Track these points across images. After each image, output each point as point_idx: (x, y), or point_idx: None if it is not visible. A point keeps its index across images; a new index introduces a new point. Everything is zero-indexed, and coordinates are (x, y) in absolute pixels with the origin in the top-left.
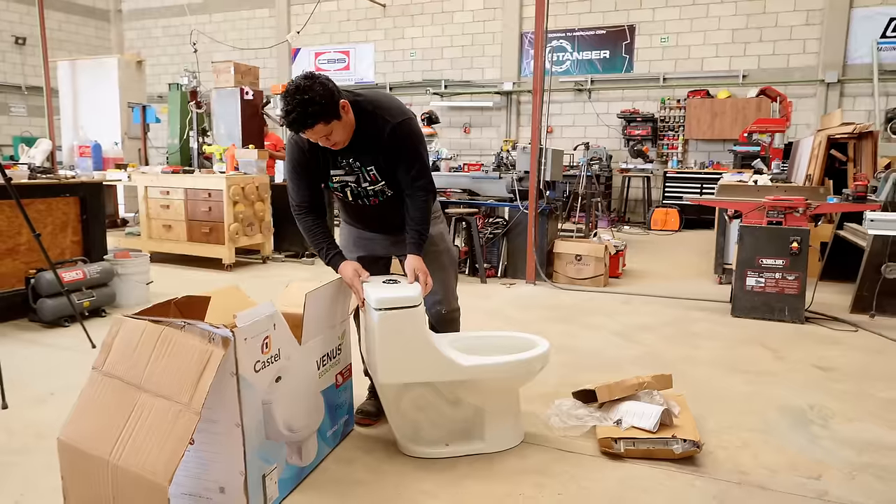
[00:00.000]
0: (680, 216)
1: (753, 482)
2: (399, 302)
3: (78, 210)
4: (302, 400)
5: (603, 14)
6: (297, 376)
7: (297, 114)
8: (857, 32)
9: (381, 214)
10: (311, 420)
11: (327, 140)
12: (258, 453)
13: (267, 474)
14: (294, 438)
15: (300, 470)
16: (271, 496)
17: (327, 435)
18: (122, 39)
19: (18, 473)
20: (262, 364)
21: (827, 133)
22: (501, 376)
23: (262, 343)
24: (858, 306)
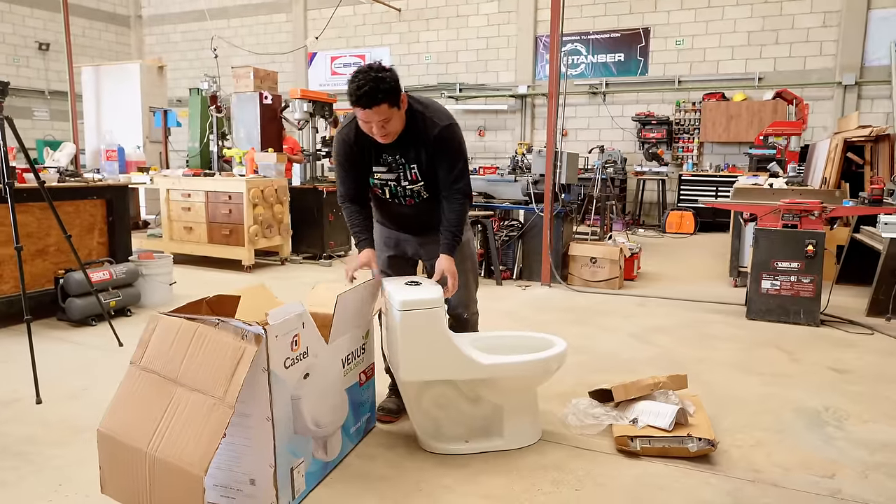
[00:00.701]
0: (695, 219)
1: (767, 480)
2: (422, 303)
3: (104, 212)
4: (328, 397)
5: (618, 17)
6: (323, 374)
7: (369, 88)
8: (875, 34)
9: (414, 215)
10: (336, 416)
11: (383, 127)
12: (287, 446)
13: (295, 467)
14: (320, 434)
15: (325, 464)
16: (299, 489)
17: (350, 431)
18: (142, 44)
19: (56, 465)
20: (291, 361)
21: (843, 136)
22: (520, 375)
23: (292, 341)
24: (874, 310)
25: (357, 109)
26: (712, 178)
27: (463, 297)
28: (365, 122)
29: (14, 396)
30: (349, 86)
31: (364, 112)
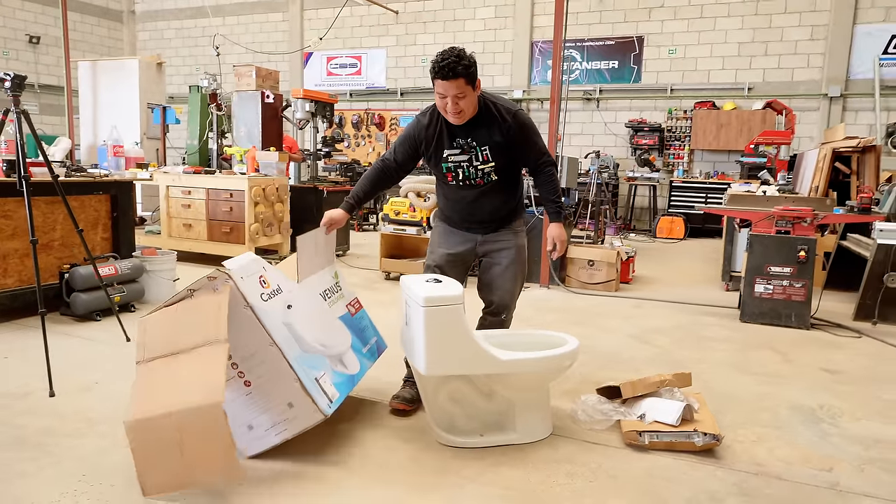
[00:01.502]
0: (685, 225)
1: (770, 473)
2: (445, 300)
3: (109, 207)
4: (322, 323)
5: (612, 25)
6: (307, 304)
7: (450, 61)
8: (860, 48)
9: (481, 203)
10: (340, 339)
11: (457, 103)
12: (302, 363)
13: (319, 378)
14: (329, 352)
15: (351, 376)
16: (332, 395)
17: (363, 352)
18: (134, 40)
19: (76, 455)
20: (267, 295)
21: (832, 146)
22: (535, 370)
23: (259, 280)
24: (861, 314)
25: (437, 81)
26: (702, 184)
27: (506, 299)
28: (441, 96)
29: (26, 390)
30: (433, 62)
31: (443, 84)
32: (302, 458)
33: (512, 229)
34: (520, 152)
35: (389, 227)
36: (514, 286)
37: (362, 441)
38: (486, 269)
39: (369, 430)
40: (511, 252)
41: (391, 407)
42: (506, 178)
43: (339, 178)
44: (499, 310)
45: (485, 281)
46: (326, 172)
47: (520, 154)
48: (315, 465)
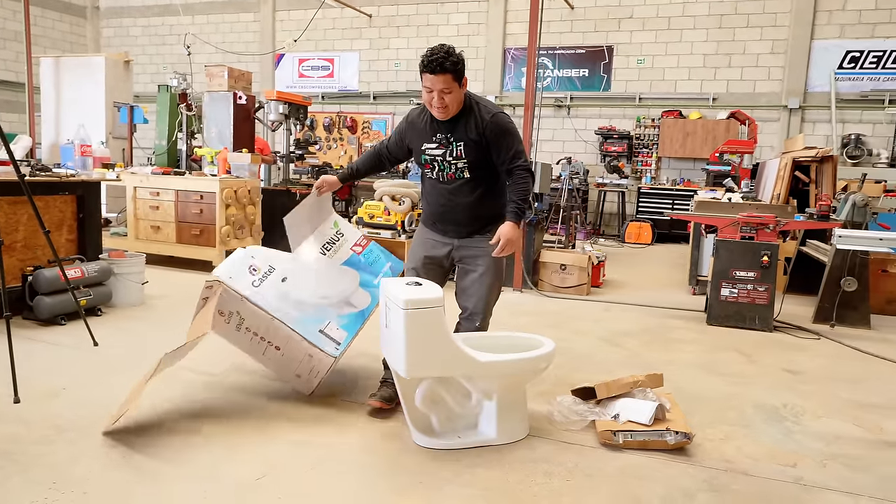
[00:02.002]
0: (653, 230)
1: (738, 469)
2: (425, 302)
3: (74, 208)
4: (323, 277)
5: (583, 34)
6: (304, 268)
7: (439, 57)
8: (817, 63)
9: (453, 201)
10: (345, 283)
11: (442, 98)
12: (305, 320)
13: (323, 328)
14: (332, 301)
15: (360, 312)
16: (339, 338)
17: (374, 283)
18: (98, 37)
19: (45, 463)
20: (258, 280)
21: (792, 156)
22: (513, 372)
23: (249, 270)
24: (820, 316)
25: (425, 75)
26: (669, 191)
27: (480, 306)
28: (429, 90)
29: None
30: (422, 56)
31: (430, 78)
32: (278, 460)
33: (489, 237)
34: (493, 153)
35: (364, 231)
36: (489, 294)
37: (339, 444)
38: (462, 276)
39: (346, 433)
40: (487, 259)
41: (369, 406)
42: (480, 179)
43: (312, 181)
44: (473, 317)
45: (460, 287)
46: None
47: (493, 155)
48: (292, 469)
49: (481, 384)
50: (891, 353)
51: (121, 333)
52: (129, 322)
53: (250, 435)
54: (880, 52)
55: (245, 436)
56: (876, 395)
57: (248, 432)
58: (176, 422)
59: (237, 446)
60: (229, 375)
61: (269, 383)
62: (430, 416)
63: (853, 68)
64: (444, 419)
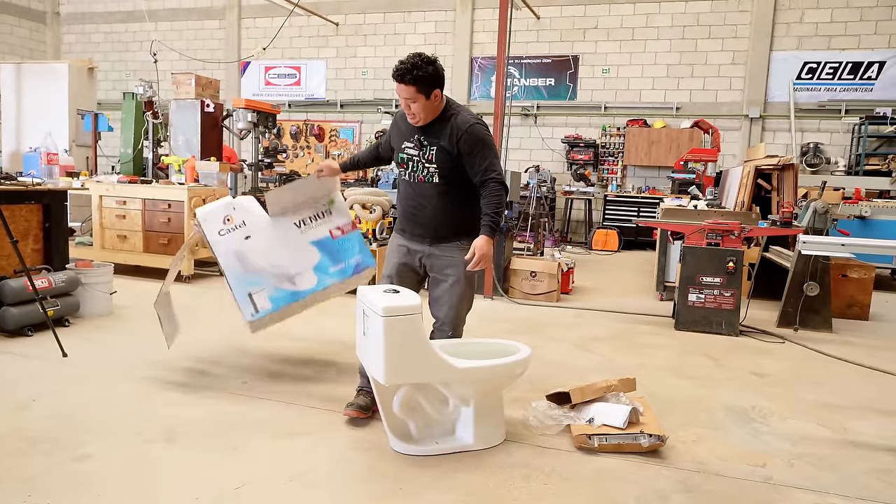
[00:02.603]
0: (619, 237)
1: (710, 470)
2: (403, 310)
3: (40, 217)
4: (283, 248)
5: (549, 44)
6: (270, 234)
7: (405, 68)
8: (777, 73)
9: (423, 204)
10: (300, 259)
11: (409, 107)
12: (242, 279)
13: (253, 293)
14: (281, 271)
15: (295, 292)
16: (262, 307)
17: (330, 271)
18: (59, 43)
19: (19, 476)
20: (225, 231)
21: (754, 164)
22: (490, 377)
23: (223, 218)
24: (784, 321)
25: (396, 84)
26: (635, 198)
27: (451, 316)
28: (403, 98)
29: None
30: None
31: (397, 86)
32: (256, 469)
33: (459, 246)
34: (466, 163)
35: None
36: (460, 304)
37: (318, 452)
38: (434, 286)
39: (324, 442)
40: (457, 270)
41: (346, 416)
42: (450, 186)
43: None
44: (444, 327)
45: (432, 297)
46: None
47: (466, 165)
48: (271, 478)
49: (459, 390)
50: (852, 356)
51: (90, 344)
52: (98, 332)
53: (227, 444)
54: (836, 64)
55: (222, 445)
56: (839, 396)
57: (224, 441)
58: (152, 431)
59: (214, 456)
60: (203, 383)
61: (244, 392)
62: (408, 422)
63: (811, 79)
64: (422, 425)
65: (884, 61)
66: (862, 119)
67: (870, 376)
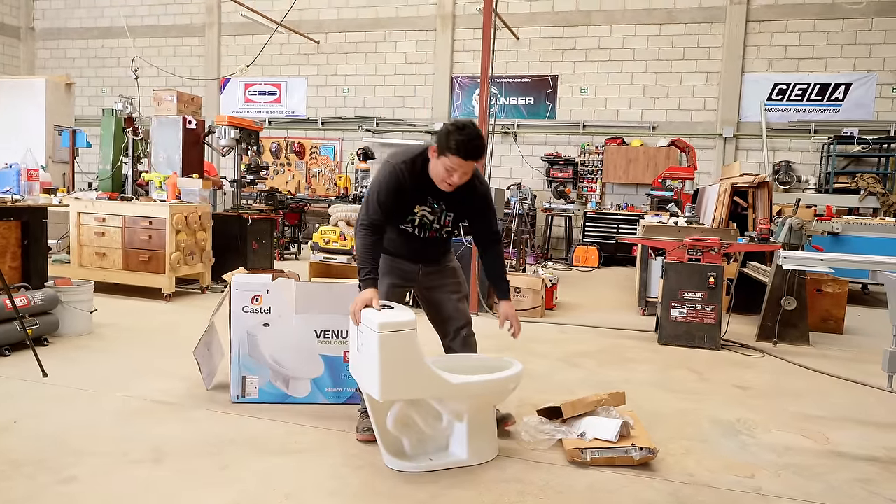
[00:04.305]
0: (599, 253)
1: (700, 482)
2: (399, 325)
3: (19, 235)
4: (292, 349)
5: (528, 63)
6: (287, 331)
7: (480, 144)
8: (749, 94)
9: (426, 248)
10: (303, 367)
11: (460, 178)
12: (243, 362)
13: (248, 377)
14: (280, 370)
15: (285, 395)
16: (249, 393)
17: (326, 390)
18: (33, 58)
19: (2, 500)
20: (249, 309)
21: (731, 181)
22: (484, 392)
23: (252, 297)
24: (763, 335)
25: (454, 158)
26: (614, 215)
27: (468, 316)
28: (453, 169)
29: None
30: (455, 135)
31: (462, 162)
32: (249, 489)
33: (448, 259)
34: (476, 219)
35: (319, 256)
36: (466, 306)
37: (310, 471)
38: (443, 303)
39: (318, 460)
40: (455, 284)
41: (361, 441)
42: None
43: (264, 206)
44: (463, 330)
45: (447, 312)
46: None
47: (475, 220)
48: (264, 498)
49: (452, 406)
50: (830, 368)
51: (70, 363)
52: (79, 352)
53: (217, 464)
54: (805, 85)
55: (211, 465)
56: (819, 407)
57: (214, 461)
58: (138, 452)
59: (203, 476)
60: (189, 402)
61: (232, 411)
62: (401, 438)
63: (781, 100)
64: (416, 442)
65: (850, 83)
66: (830, 139)
67: (847, 388)
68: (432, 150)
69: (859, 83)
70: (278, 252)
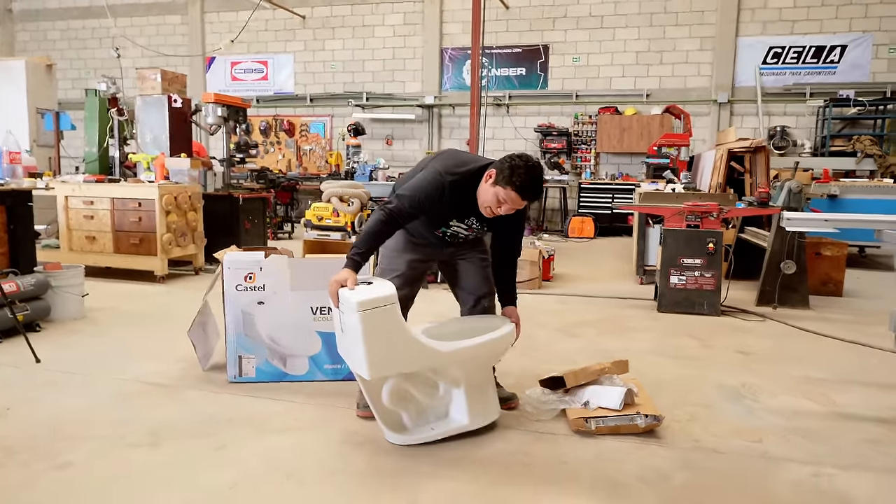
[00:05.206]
0: (595, 224)
1: (708, 447)
2: (378, 301)
3: (4, 219)
4: (288, 327)
5: (519, 33)
6: (283, 308)
7: (541, 186)
8: (743, 58)
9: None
10: (300, 344)
11: (507, 211)
12: (239, 341)
13: (244, 357)
14: (277, 349)
15: (282, 374)
16: (246, 373)
17: (324, 367)
18: (13, 41)
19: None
20: (243, 287)
21: (727, 147)
22: (477, 356)
23: (245, 275)
24: (763, 299)
25: (512, 193)
26: (608, 185)
27: (492, 284)
28: (504, 202)
29: None
30: (520, 172)
31: (518, 200)
32: (251, 467)
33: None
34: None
35: (312, 234)
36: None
37: (311, 449)
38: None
39: (319, 438)
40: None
41: (360, 417)
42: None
43: (255, 185)
44: (485, 300)
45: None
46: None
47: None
48: (266, 476)
49: (448, 373)
50: (830, 331)
51: (63, 348)
52: (72, 336)
53: (215, 444)
54: (800, 48)
55: (209, 445)
56: (823, 370)
57: (211, 441)
58: (135, 435)
59: (201, 458)
60: (184, 383)
61: (228, 390)
62: (400, 413)
63: (776, 63)
64: (415, 413)
65: (845, 45)
66: (826, 101)
67: (850, 350)
68: (489, 175)
69: (855, 44)
70: (272, 231)
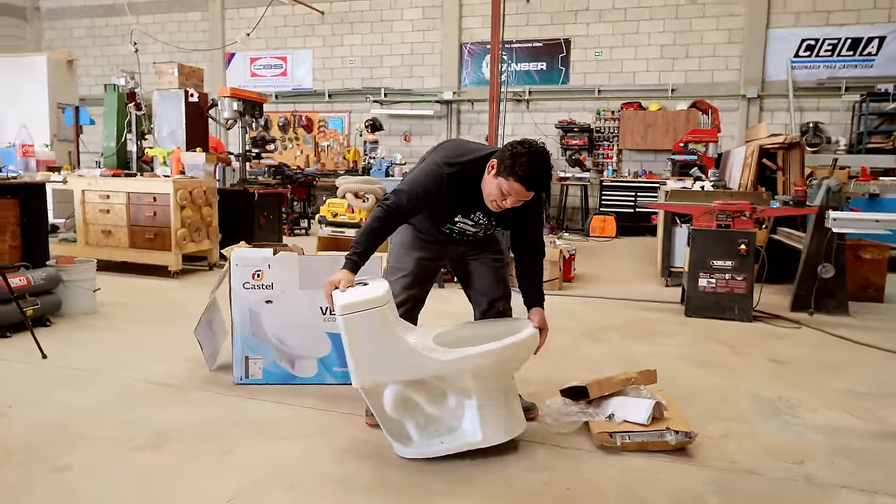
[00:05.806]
0: (617, 223)
1: (744, 468)
2: (362, 304)
3: (17, 213)
4: (296, 327)
5: (540, 27)
6: (291, 308)
7: (546, 176)
8: (774, 51)
9: (464, 244)
10: (309, 346)
11: (513, 203)
12: (246, 341)
13: (251, 357)
14: (285, 350)
15: (290, 375)
16: (253, 374)
17: (333, 369)
18: (40, 38)
19: None
20: (250, 285)
21: (758, 143)
22: (489, 365)
23: (254, 273)
24: (798, 305)
25: (515, 184)
26: (632, 183)
27: (507, 287)
28: (508, 195)
29: None
30: (522, 161)
31: (523, 191)
32: (251, 478)
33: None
34: (520, 223)
35: (327, 230)
36: (508, 275)
37: (317, 457)
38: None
39: (325, 446)
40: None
41: (371, 423)
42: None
43: (271, 181)
44: (499, 304)
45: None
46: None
47: (519, 224)
48: (268, 488)
49: (456, 383)
50: (872, 340)
51: (72, 344)
52: (81, 332)
53: (221, 448)
54: (835, 40)
55: (215, 449)
56: (865, 383)
57: (217, 445)
58: (140, 437)
59: (205, 463)
60: (193, 385)
61: (237, 393)
62: (404, 423)
63: (809, 56)
64: (422, 424)
65: (884, 36)
66: (863, 96)
67: (892, 360)
68: (491, 166)
69: (894, 36)
70: (288, 227)
